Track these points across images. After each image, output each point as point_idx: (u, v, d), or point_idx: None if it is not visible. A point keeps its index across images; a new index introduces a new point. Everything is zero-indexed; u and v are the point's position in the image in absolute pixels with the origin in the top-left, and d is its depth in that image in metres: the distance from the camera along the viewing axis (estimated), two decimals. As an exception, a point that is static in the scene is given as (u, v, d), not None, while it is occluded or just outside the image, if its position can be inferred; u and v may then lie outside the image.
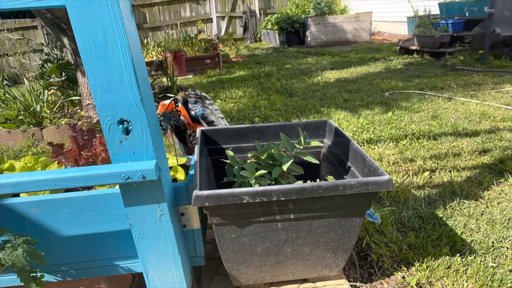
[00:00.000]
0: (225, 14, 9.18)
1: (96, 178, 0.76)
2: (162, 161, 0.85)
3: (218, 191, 0.89)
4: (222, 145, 1.39)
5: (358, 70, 4.80)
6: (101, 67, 0.70)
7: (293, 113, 3.16)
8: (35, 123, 3.30)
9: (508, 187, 1.78)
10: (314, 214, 0.99)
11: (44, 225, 0.92)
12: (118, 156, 0.78)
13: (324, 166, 1.41)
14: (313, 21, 7.58)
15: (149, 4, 8.72)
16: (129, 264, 1.02)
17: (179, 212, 0.99)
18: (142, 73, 0.77)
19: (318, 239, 1.04)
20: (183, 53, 5.55)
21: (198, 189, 0.90)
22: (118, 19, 0.67)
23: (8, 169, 1.18)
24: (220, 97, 3.99)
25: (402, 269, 1.30)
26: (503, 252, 1.35)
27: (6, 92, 3.59)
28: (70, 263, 0.99)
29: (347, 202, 0.97)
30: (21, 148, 2.95)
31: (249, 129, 1.39)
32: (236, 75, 5.19)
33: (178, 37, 6.63)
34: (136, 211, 0.85)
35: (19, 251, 0.77)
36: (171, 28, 8.66)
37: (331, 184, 0.91)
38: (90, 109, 3.35)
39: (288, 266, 1.10)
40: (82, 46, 0.69)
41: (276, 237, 1.02)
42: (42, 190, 0.78)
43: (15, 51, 7.12)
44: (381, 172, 0.97)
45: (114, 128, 0.75)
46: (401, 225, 1.55)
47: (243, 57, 6.86)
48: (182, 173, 1.14)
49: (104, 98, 0.73)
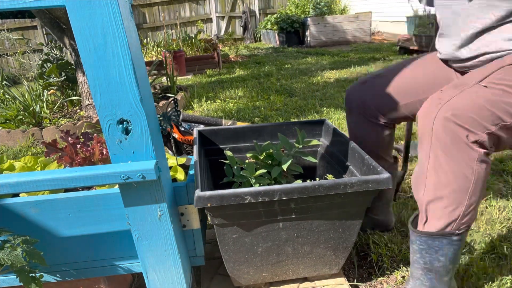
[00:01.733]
0: (224, 14, 9.18)
1: (96, 178, 0.76)
2: (162, 161, 0.85)
3: (220, 191, 0.89)
4: (219, 146, 1.39)
5: (358, 70, 4.80)
6: (100, 67, 0.70)
7: (293, 113, 3.16)
8: (35, 123, 3.30)
9: (508, 187, 1.78)
10: (315, 213, 0.99)
11: (44, 225, 0.92)
12: (117, 156, 0.78)
13: (321, 165, 1.41)
14: (312, 21, 7.58)
15: (149, 4, 8.72)
16: (128, 264, 1.02)
17: (179, 212, 0.99)
18: (141, 73, 0.77)
19: (319, 237, 1.05)
20: (182, 53, 5.55)
21: (200, 189, 0.90)
22: (117, 19, 0.67)
23: (7, 169, 1.18)
24: (219, 97, 3.99)
25: (402, 268, 1.30)
26: (502, 252, 1.35)
27: (6, 92, 3.59)
28: (70, 263, 0.99)
29: (348, 200, 0.97)
30: (21, 148, 2.95)
31: (246, 129, 1.39)
32: (235, 75, 5.19)
33: (177, 37, 6.64)
34: (136, 211, 0.85)
35: (18, 251, 0.77)
36: (171, 28, 8.66)
37: (332, 182, 0.91)
38: (90, 109, 3.35)
39: (288, 265, 1.10)
40: (81, 46, 0.69)
41: (277, 236, 1.02)
42: (41, 190, 0.78)
43: (15, 51, 7.12)
44: (380, 170, 0.97)
45: (114, 128, 0.75)
46: (400, 224, 1.55)
47: (243, 57, 6.86)
48: (181, 173, 1.14)
49: (104, 98, 0.73)
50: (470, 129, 0.85)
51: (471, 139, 0.85)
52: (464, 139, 0.85)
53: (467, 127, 0.84)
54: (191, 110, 3.65)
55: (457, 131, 0.85)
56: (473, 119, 0.85)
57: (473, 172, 0.86)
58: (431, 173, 0.91)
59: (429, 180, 0.91)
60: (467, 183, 0.87)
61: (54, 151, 1.16)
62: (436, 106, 0.89)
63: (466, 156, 0.85)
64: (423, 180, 0.93)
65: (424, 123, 0.91)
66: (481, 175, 0.87)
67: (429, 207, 0.93)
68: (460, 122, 0.85)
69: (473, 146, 0.85)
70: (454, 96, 0.89)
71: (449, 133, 0.85)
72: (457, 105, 0.87)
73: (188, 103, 3.84)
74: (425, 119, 0.90)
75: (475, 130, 0.85)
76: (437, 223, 0.92)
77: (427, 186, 0.92)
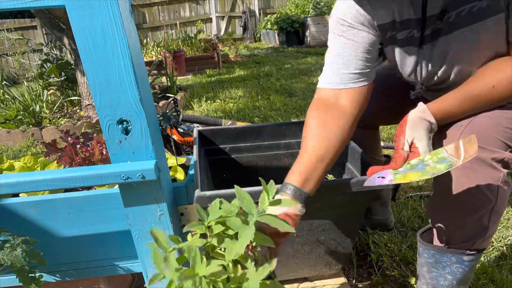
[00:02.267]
0: (224, 14, 9.18)
1: (96, 178, 0.76)
2: (162, 161, 0.85)
3: (221, 191, 0.89)
4: (219, 146, 1.39)
5: (357, 70, 4.80)
6: (100, 67, 0.70)
7: (293, 113, 3.16)
8: (35, 123, 3.30)
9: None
10: (315, 213, 0.99)
11: (44, 225, 0.91)
12: (117, 156, 0.78)
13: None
14: (312, 21, 7.59)
15: (149, 4, 8.72)
16: (128, 264, 1.02)
17: (179, 212, 0.99)
18: (141, 73, 0.77)
19: (319, 237, 1.05)
20: (182, 53, 5.55)
21: (200, 189, 0.89)
22: (117, 19, 0.67)
23: (7, 169, 1.18)
24: (219, 97, 3.99)
25: (401, 268, 1.31)
26: (502, 251, 1.35)
27: (6, 92, 3.59)
28: (70, 263, 0.99)
29: (348, 200, 0.97)
30: (21, 148, 2.95)
31: (246, 129, 1.39)
32: (235, 75, 5.19)
33: (177, 37, 6.64)
34: (136, 211, 0.85)
35: (18, 251, 0.77)
36: (171, 28, 8.66)
37: (332, 183, 0.91)
38: (90, 109, 3.34)
39: (288, 266, 1.11)
40: (81, 46, 0.69)
41: (276, 236, 1.02)
42: (41, 190, 0.78)
43: (15, 51, 7.12)
44: None
45: (114, 128, 0.75)
46: (400, 224, 1.55)
47: (243, 57, 6.86)
48: (181, 173, 1.14)
49: (104, 98, 0.73)
50: (493, 149, 0.80)
51: (496, 159, 0.80)
52: (489, 161, 0.79)
53: (489, 147, 0.80)
54: (191, 110, 3.65)
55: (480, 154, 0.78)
56: (495, 138, 0.81)
57: (496, 193, 0.81)
58: (449, 192, 0.85)
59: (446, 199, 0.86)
60: (489, 205, 0.81)
61: (54, 151, 1.16)
62: (458, 133, 0.84)
63: (490, 177, 0.80)
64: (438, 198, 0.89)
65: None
66: (502, 196, 0.82)
67: (444, 225, 0.88)
68: (482, 144, 0.79)
69: (497, 166, 0.80)
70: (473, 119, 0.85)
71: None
72: (478, 127, 0.83)
73: (188, 103, 3.83)
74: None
75: (498, 150, 0.80)
76: (448, 241, 0.88)
77: (443, 204, 0.88)
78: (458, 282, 0.92)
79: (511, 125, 0.83)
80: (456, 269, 0.90)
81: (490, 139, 0.81)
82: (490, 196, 0.80)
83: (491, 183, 0.80)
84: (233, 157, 1.40)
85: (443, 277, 0.92)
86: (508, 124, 0.83)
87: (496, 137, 0.81)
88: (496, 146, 0.81)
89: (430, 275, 0.95)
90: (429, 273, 0.95)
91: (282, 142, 1.40)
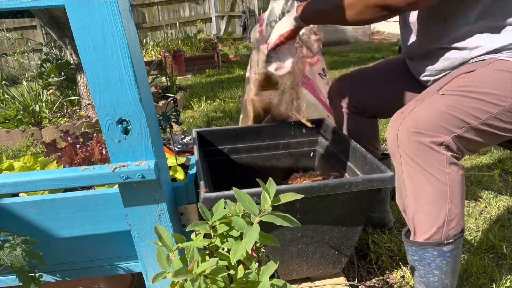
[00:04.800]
0: (224, 14, 9.18)
1: (95, 178, 0.76)
2: (161, 161, 0.85)
3: (226, 192, 0.89)
4: (218, 146, 1.39)
5: (357, 70, 4.80)
6: (100, 67, 0.70)
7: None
8: (34, 123, 3.30)
9: (508, 187, 1.78)
10: (320, 212, 0.99)
11: (43, 225, 0.91)
12: (117, 156, 0.78)
13: (319, 165, 1.41)
14: (312, 21, 7.57)
15: (148, 4, 8.70)
16: (128, 264, 1.02)
17: (179, 211, 0.99)
18: (141, 73, 0.77)
19: (323, 237, 1.05)
20: (182, 52, 5.55)
21: (205, 191, 0.89)
22: (117, 19, 0.67)
23: (7, 169, 1.18)
24: (219, 96, 3.99)
25: (401, 268, 1.31)
26: (502, 251, 1.36)
27: (5, 92, 3.58)
28: (69, 263, 0.99)
29: (352, 199, 0.98)
30: (20, 148, 2.95)
31: (244, 129, 1.39)
32: (235, 75, 5.19)
33: (177, 37, 6.64)
34: (135, 211, 0.85)
35: (17, 251, 0.77)
36: (170, 27, 8.65)
37: (337, 182, 0.92)
38: (89, 109, 3.34)
39: (292, 266, 1.11)
40: (81, 46, 0.69)
41: (282, 236, 1.02)
42: (41, 190, 0.78)
43: (14, 50, 7.11)
44: (384, 169, 0.97)
45: (113, 128, 0.75)
46: (400, 224, 1.55)
47: (242, 57, 6.86)
48: (181, 173, 1.14)
49: (103, 98, 0.73)
50: (433, 134, 0.87)
51: (436, 142, 0.87)
52: (429, 144, 0.86)
53: (429, 132, 0.87)
54: (191, 110, 3.65)
55: (420, 138, 0.87)
56: (435, 124, 0.87)
57: (446, 175, 0.87)
58: (408, 185, 0.92)
59: (409, 192, 0.93)
60: (443, 187, 0.87)
61: (54, 151, 1.16)
62: (399, 119, 0.92)
63: (435, 160, 0.87)
64: (404, 193, 0.94)
65: (390, 137, 0.93)
66: (455, 178, 0.88)
67: (415, 218, 0.93)
68: (422, 130, 0.87)
69: (439, 149, 0.87)
70: (415, 108, 0.92)
71: (413, 141, 0.88)
72: (418, 114, 0.90)
73: (188, 103, 3.83)
74: (391, 133, 0.93)
75: (438, 134, 0.87)
76: (423, 233, 0.92)
77: (408, 198, 0.93)
78: (446, 275, 0.95)
79: (451, 110, 0.88)
80: (441, 262, 0.93)
81: (428, 125, 0.87)
82: (441, 178, 0.86)
83: (437, 166, 0.87)
84: (232, 158, 1.40)
85: (431, 274, 0.95)
86: (448, 110, 0.88)
87: (435, 122, 0.87)
88: (435, 131, 0.87)
89: (419, 273, 0.98)
90: (418, 271, 0.98)
91: (281, 142, 1.40)
